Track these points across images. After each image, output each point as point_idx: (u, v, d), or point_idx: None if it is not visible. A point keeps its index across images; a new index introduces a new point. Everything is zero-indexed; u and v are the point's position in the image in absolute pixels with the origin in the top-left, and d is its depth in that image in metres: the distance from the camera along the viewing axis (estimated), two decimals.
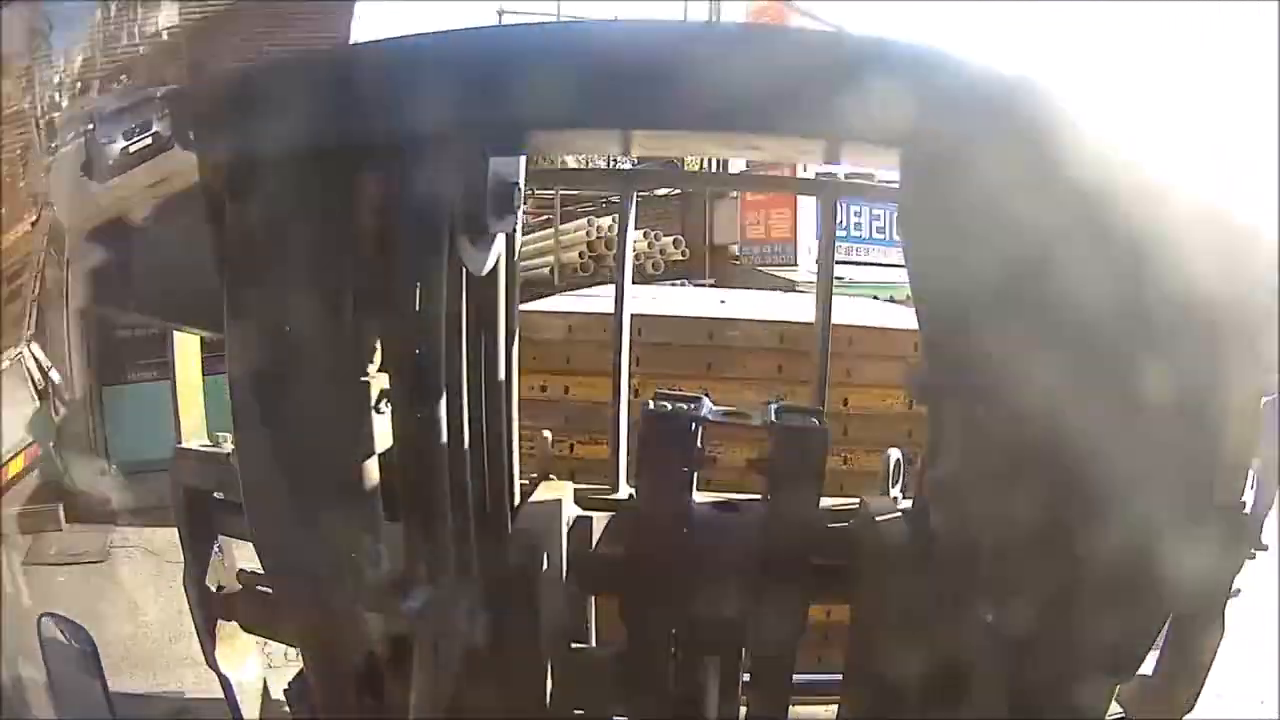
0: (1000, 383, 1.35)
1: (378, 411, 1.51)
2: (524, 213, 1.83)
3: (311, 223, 1.39)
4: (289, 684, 1.90)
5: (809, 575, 1.84)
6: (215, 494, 2.06)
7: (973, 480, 1.51)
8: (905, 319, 3.81)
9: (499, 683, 1.70)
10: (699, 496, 1.92)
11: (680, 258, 10.96)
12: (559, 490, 2.10)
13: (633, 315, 2.46)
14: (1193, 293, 1.27)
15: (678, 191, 12.93)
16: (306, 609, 1.59)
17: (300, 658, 1.79)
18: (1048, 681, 1.47)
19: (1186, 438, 1.37)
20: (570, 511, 2.05)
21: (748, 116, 1.31)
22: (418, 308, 1.43)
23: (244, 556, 2.11)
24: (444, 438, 1.46)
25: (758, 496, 1.95)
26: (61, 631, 1.85)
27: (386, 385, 1.51)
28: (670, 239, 11.11)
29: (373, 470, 1.52)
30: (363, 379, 1.50)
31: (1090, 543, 1.37)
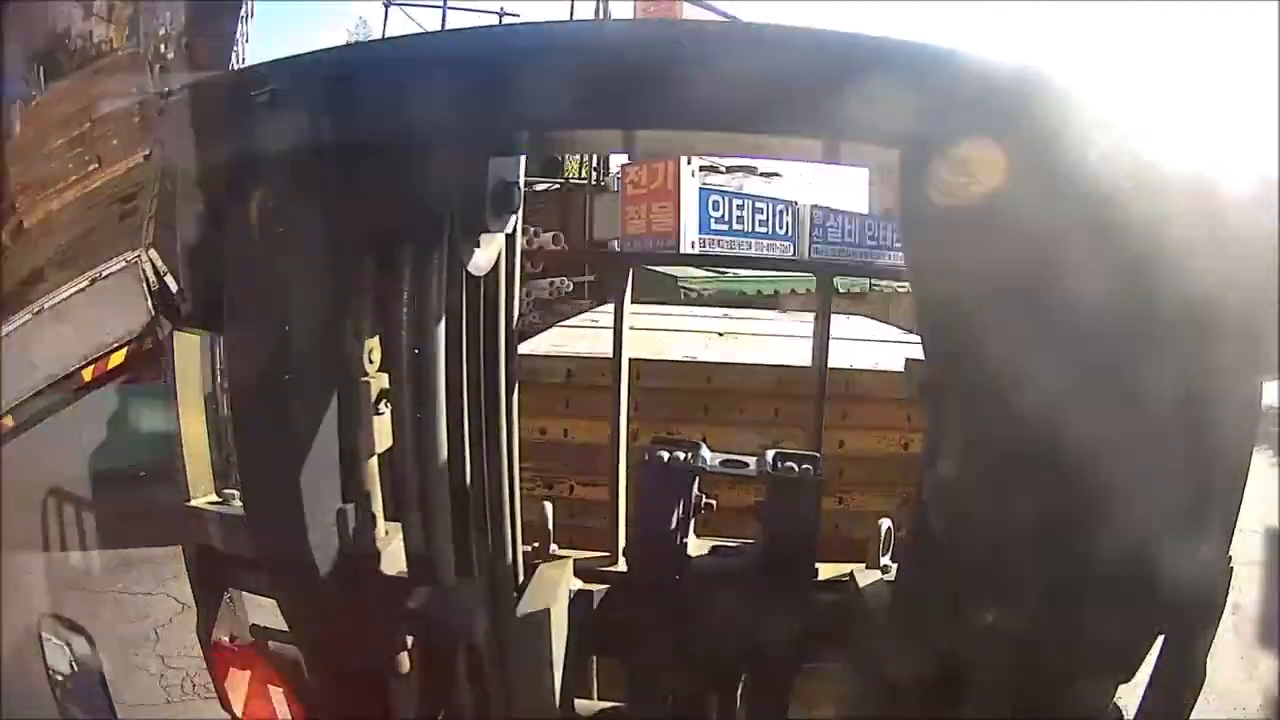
0: (998, 382, 1.35)
1: (377, 412, 1.51)
2: None
3: (311, 223, 1.39)
4: None
5: (804, 621, 1.85)
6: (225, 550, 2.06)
7: (972, 479, 1.50)
8: (901, 361, 3.79)
9: None
10: (695, 543, 1.93)
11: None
12: (559, 569, 2.07)
13: (630, 359, 2.47)
14: (1193, 292, 1.27)
15: (558, 186, 12.47)
16: (305, 607, 1.59)
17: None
18: (1048, 682, 1.47)
19: (1186, 437, 1.37)
20: (570, 585, 2.05)
21: (748, 116, 1.31)
22: (417, 308, 1.43)
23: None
24: (443, 437, 1.46)
25: (754, 539, 1.96)
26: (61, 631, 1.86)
27: (386, 385, 1.51)
28: (550, 235, 10.91)
29: (373, 470, 1.52)
30: (363, 379, 1.50)
31: (1088, 542, 1.37)
